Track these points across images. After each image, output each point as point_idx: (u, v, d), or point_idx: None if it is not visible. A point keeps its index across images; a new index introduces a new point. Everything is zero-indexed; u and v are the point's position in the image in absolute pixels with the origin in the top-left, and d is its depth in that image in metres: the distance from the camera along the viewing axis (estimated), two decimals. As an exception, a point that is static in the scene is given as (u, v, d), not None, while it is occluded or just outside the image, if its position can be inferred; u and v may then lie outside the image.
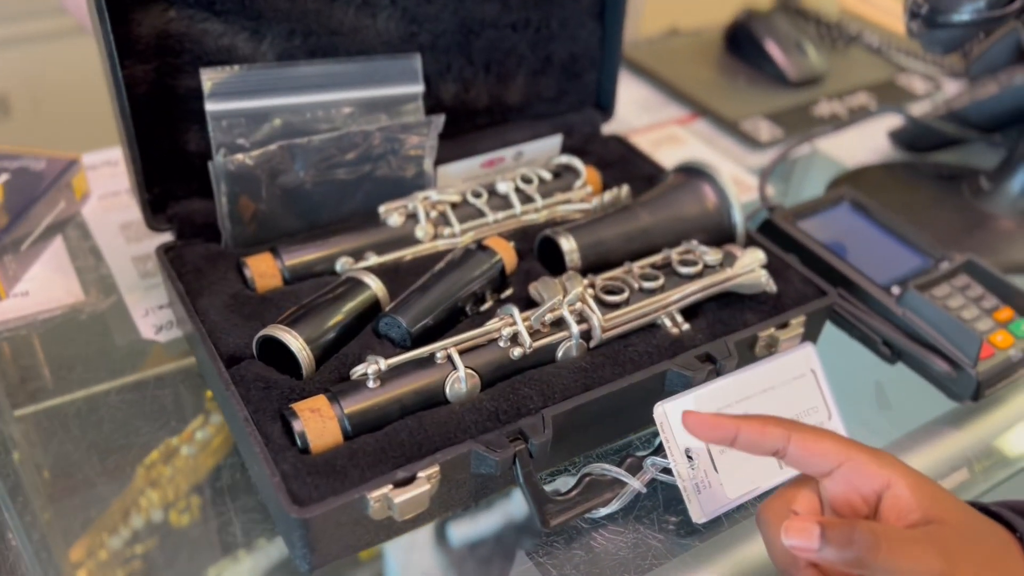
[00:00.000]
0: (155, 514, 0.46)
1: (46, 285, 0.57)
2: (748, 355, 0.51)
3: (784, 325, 0.51)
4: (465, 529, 0.46)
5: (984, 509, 0.36)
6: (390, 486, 0.39)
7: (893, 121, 0.82)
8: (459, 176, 0.60)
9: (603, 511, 0.44)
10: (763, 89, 0.88)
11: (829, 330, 0.57)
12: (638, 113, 0.84)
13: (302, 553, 0.40)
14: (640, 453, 0.45)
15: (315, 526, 0.38)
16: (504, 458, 0.41)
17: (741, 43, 0.92)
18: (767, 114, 0.83)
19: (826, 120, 0.83)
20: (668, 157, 0.76)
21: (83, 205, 0.65)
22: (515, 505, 0.47)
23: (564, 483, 0.47)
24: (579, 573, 0.43)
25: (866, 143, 0.81)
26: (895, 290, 0.56)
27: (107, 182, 0.67)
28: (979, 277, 0.57)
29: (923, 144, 0.78)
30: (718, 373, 0.47)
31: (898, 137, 0.79)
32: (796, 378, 0.48)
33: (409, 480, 0.40)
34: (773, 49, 0.89)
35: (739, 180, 0.74)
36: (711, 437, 0.38)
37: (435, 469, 0.40)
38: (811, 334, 0.54)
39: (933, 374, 0.54)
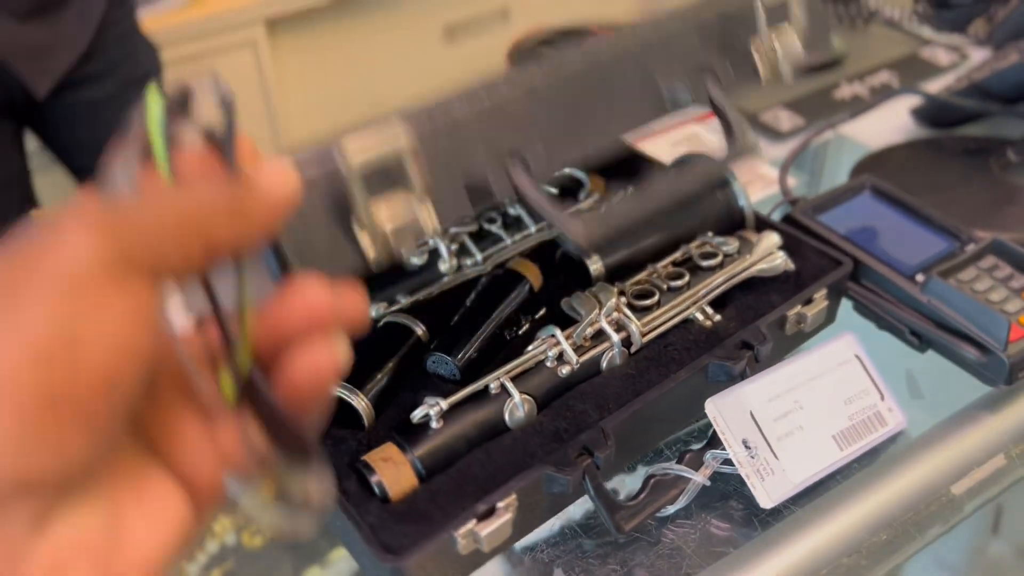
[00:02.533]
0: (228, 537, 0.49)
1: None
2: (780, 334, 0.53)
3: (808, 301, 0.54)
4: (533, 537, 0.49)
5: None
6: (474, 521, 0.42)
7: (916, 99, 0.83)
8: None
9: (671, 508, 0.47)
10: (783, 77, 0.89)
11: (857, 320, 0.59)
12: (659, 115, 0.85)
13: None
14: (696, 446, 0.48)
15: (409, 571, 0.41)
16: (575, 476, 0.44)
17: (758, 32, 0.93)
18: (787, 103, 0.84)
19: (848, 103, 0.84)
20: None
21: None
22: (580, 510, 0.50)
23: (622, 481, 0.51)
24: (652, 571, 0.46)
25: (890, 122, 0.82)
26: (920, 278, 0.57)
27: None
28: (1007, 257, 0.58)
29: (947, 119, 0.79)
30: (756, 359, 0.50)
31: (921, 114, 0.80)
32: (841, 364, 0.51)
33: (490, 512, 0.43)
34: (790, 36, 0.90)
35: (763, 174, 0.76)
36: None
37: (512, 498, 0.43)
38: (832, 306, 0.56)
39: (964, 360, 0.55)
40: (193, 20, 1.65)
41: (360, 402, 0.48)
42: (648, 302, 0.52)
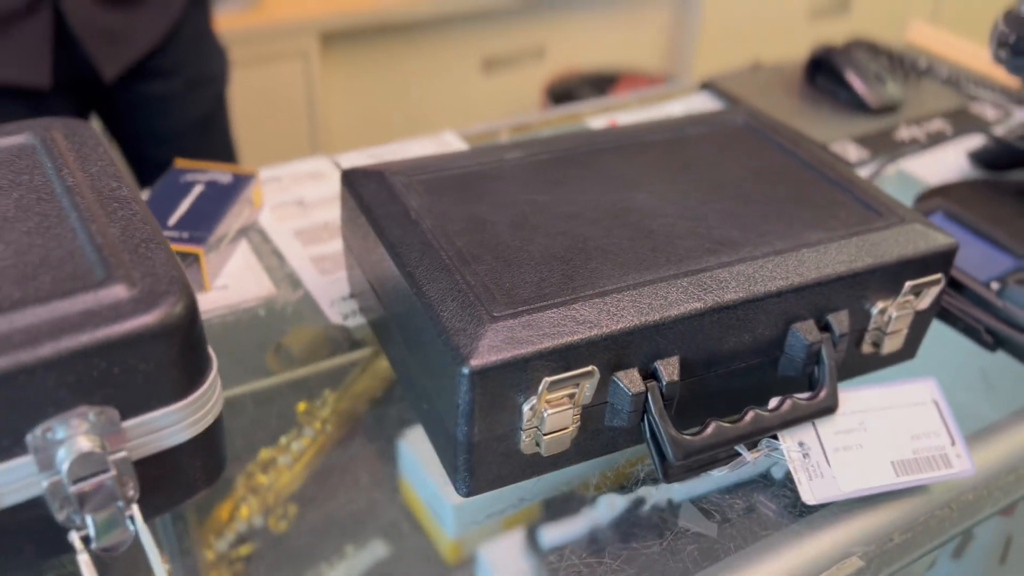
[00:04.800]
0: (255, 520, 0.51)
1: (241, 280, 0.66)
2: (855, 352, 0.56)
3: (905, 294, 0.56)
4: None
5: None
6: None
7: (971, 143, 0.89)
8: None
9: (715, 472, 0.51)
10: (845, 116, 0.95)
11: (935, 326, 0.64)
12: (733, 137, 0.91)
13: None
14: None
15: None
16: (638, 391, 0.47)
17: (822, 74, 1.00)
18: (854, 137, 0.90)
19: (907, 144, 0.90)
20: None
21: (259, 214, 0.73)
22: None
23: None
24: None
25: (947, 163, 0.88)
26: (994, 286, 0.63)
27: (274, 195, 0.76)
28: (1069, 276, 0.64)
29: (1002, 163, 0.85)
30: (834, 344, 0.52)
31: (978, 157, 0.86)
32: (916, 404, 0.54)
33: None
34: (853, 79, 0.96)
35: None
36: None
37: (590, 368, 0.46)
38: (916, 332, 0.59)
39: (1033, 358, 0.60)
40: (253, 25, 1.71)
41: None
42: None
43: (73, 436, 0.39)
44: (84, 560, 0.41)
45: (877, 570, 0.48)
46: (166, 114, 1.15)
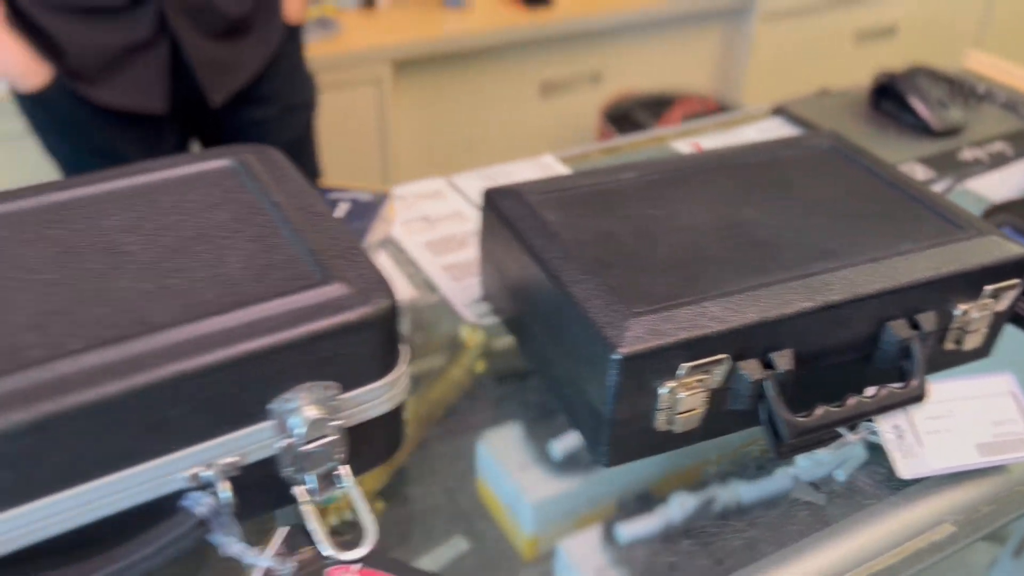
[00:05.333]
0: (346, 514, 0.55)
1: (384, 286, 0.75)
2: (938, 349, 0.64)
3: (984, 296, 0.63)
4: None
5: None
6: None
7: (1032, 163, 0.96)
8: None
9: (820, 451, 0.58)
10: (910, 139, 1.02)
11: (1007, 330, 0.71)
12: (807, 158, 0.99)
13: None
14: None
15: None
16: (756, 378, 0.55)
17: (886, 99, 1.07)
18: (920, 158, 0.97)
19: (970, 164, 0.97)
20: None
21: (392, 228, 0.82)
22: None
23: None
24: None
25: (1010, 182, 0.95)
26: (1063, 293, 0.70)
27: (402, 212, 0.85)
28: None
29: (1061, 182, 0.92)
30: (922, 339, 0.60)
31: (1039, 176, 0.93)
32: (995, 395, 0.61)
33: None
34: (917, 104, 1.04)
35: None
36: None
37: (722, 356, 0.54)
38: (993, 332, 0.66)
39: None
40: (332, 54, 1.82)
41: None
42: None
43: (305, 406, 0.48)
44: (308, 509, 0.49)
45: (967, 536, 0.55)
46: (262, 138, 1.26)
